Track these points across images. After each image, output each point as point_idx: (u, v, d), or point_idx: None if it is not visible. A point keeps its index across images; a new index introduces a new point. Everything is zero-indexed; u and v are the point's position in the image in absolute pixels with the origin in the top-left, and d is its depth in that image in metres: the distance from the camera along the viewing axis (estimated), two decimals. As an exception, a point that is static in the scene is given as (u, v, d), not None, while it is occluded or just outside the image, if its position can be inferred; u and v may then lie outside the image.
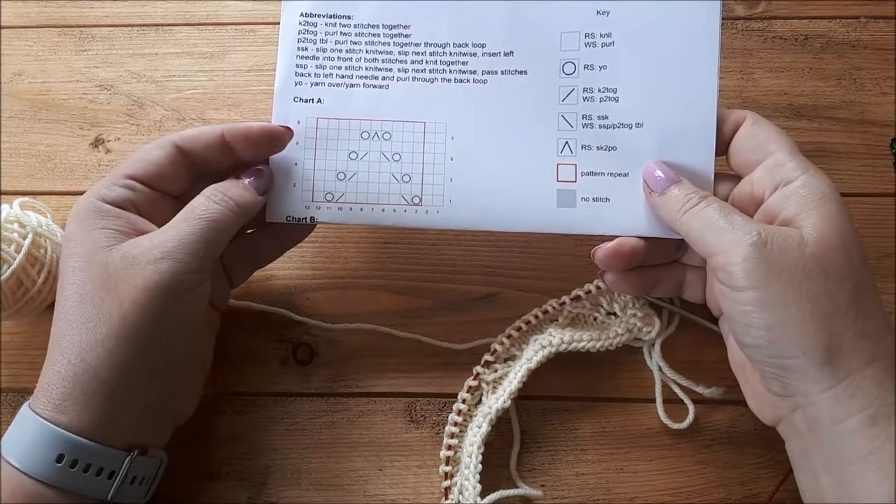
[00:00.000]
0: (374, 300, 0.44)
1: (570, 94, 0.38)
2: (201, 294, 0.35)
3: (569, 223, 0.38)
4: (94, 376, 0.31)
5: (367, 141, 0.38)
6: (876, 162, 0.45)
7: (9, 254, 0.39)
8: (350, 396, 0.43)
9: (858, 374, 0.30)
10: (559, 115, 0.38)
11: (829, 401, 0.31)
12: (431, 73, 0.39)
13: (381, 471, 0.41)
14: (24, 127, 0.49)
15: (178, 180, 0.36)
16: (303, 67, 0.39)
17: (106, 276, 0.32)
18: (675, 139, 0.37)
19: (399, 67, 0.39)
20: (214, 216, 0.34)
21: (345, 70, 0.39)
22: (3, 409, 0.43)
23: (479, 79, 0.38)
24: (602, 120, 0.38)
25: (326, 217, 0.38)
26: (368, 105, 0.39)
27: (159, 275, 0.32)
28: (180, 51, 0.50)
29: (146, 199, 0.35)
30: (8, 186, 0.47)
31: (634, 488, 0.40)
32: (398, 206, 0.38)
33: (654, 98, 0.37)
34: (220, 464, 0.41)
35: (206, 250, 0.33)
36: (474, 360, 0.42)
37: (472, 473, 0.39)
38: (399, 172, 0.38)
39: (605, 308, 0.42)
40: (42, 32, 0.51)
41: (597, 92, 0.38)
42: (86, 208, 0.34)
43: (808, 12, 0.49)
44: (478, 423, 0.40)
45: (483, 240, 0.45)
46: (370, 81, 0.39)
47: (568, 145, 0.38)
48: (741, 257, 0.32)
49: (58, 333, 0.33)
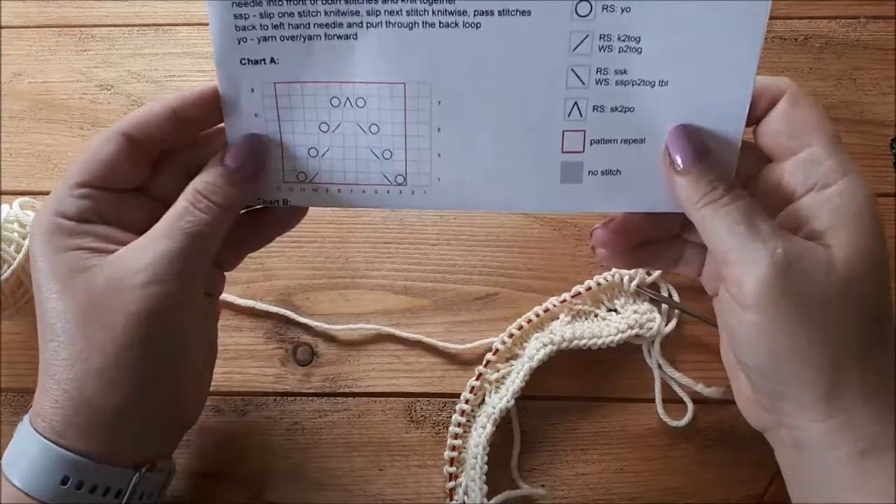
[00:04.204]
0: (374, 300, 0.44)
1: (583, 41, 0.31)
2: (197, 305, 0.32)
3: (573, 201, 0.33)
4: (95, 407, 0.30)
5: (338, 109, 0.32)
6: (876, 162, 0.46)
7: (9, 254, 0.39)
8: (350, 396, 0.42)
9: (856, 411, 0.28)
10: (568, 68, 0.31)
11: (819, 432, 0.28)
12: (409, 16, 0.30)
13: (381, 471, 0.41)
14: (24, 127, 0.49)
15: (135, 173, 0.32)
16: (243, 18, 0.31)
17: (90, 303, 0.30)
18: (702, 104, 0.31)
19: (368, 9, 0.30)
20: (199, 228, 0.30)
21: (298, 17, 0.31)
22: (3, 409, 0.43)
23: (471, 21, 0.30)
24: (620, 75, 0.31)
25: (300, 199, 0.33)
26: (334, 63, 0.31)
27: (148, 300, 0.29)
28: (180, 51, 0.50)
29: (108, 203, 0.32)
30: (8, 186, 0.47)
31: (634, 488, 0.40)
32: (380, 187, 0.33)
33: (683, 52, 0.30)
34: (220, 464, 0.41)
35: (195, 266, 0.31)
36: (474, 360, 0.42)
37: (479, 475, 0.39)
38: (378, 147, 0.32)
39: (606, 305, 0.42)
40: (42, 32, 0.51)
41: (616, 40, 0.30)
42: (47, 227, 0.31)
43: (808, 12, 0.49)
44: (482, 423, 0.40)
45: (483, 240, 0.45)
46: (333, 31, 0.31)
47: (577, 106, 0.32)
48: (759, 276, 0.28)
49: (47, 361, 0.30)
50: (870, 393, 0.28)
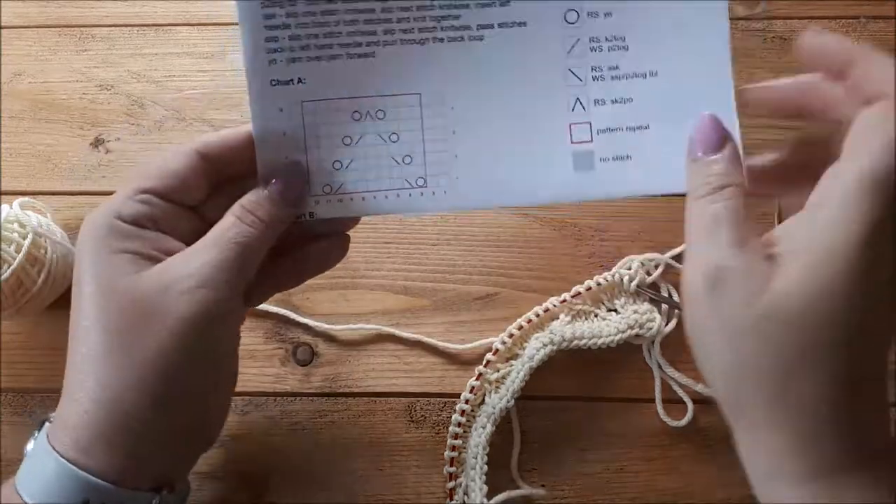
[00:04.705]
0: (374, 300, 0.44)
1: (576, 44, 0.34)
2: (236, 319, 0.33)
3: (589, 188, 0.35)
4: (127, 418, 0.29)
5: (359, 123, 0.34)
6: (876, 162, 0.45)
7: (9, 254, 0.39)
8: (350, 396, 0.43)
9: (839, 478, 0.26)
10: (566, 69, 0.35)
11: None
12: (421, 33, 0.34)
13: (381, 471, 0.41)
14: (24, 127, 0.49)
15: (197, 190, 0.34)
16: (274, 41, 0.33)
17: (135, 307, 0.30)
18: (692, 87, 0.34)
19: (384, 28, 0.34)
20: (246, 240, 0.31)
21: (323, 38, 0.34)
22: (3, 409, 0.43)
23: (475, 35, 0.34)
24: (613, 70, 0.35)
25: (326, 211, 0.35)
26: (355, 79, 0.34)
27: (197, 304, 0.30)
28: (180, 51, 0.50)
29: (165, 213, 0.33)
30: (8, 186, 0.47)
31: (634, 488, 0.40)
32: (402, 191, 0.35)
33: (665, 44, 0.34)
34: (221, 464, 0.41)
35: (241, 275, 0.31)
36: (474, 360, 0.42)
37: (479, 475, 0.39)
38: (399, 154, 0.35)
39: (606, 305, 0.42)
40: (42, 32, 0.51)
41: (604, 41, 0.34)
42: (102, 227, 0.31)
43: (808, 12, 0.49)
44: (482, 423, 0.40)
45: (483, 240, 0.45)
46: (353, 50, 0.34)
47: (579, 101, 0.35)
48: (688, 284, 0.28)
49: (77, 367, 0.30)
50: (850, 461, 0.26)
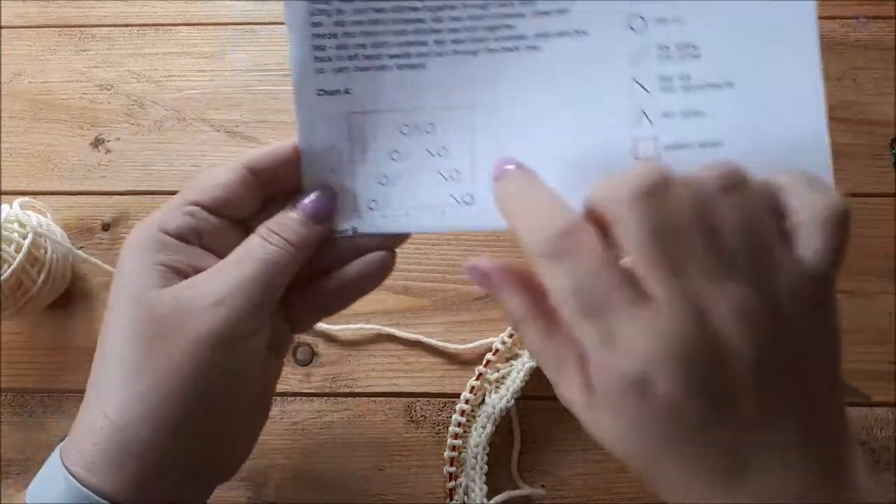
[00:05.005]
0: (374, 300, 0.44)
1: (643, 53, 0.31)
2: (258, 342, 0.31)
3: None
4: (132, 435, 0.28)
5: (408, 136, 0.33)
6: (876, 162, 0.46)
7: (9, 254, 0.39)
8: (350, 396, 0.43)
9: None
10: (632, 79, 0.32)
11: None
12: (473, 43, 0.32)
13: (381, 471, 0.41)
14: (24, 127, 0.49)
15: (246, 205, 0.33)
16: (321, 49, 0.32)
17: (153, 321, 0.29)
18: (774, 99, 0.31)
19: (435, 39, 0.32)
20: (271, 258, 0.30)
21: (371, 48, 0.32)
22: (3, 409, 0.43)
23: (531, 45, 0.32)
24: (684, 81, 0.31)
25: (369, 227, 0.33)
26: (404, 91, 0.32)
27: (213, 322, 0.29)
28: (180, 51, 0.50)
29: (211, 227, 0.32)
30: (8, 186, 0.47)
31: (635, 488, 0.40)
32: (448, 207, 0.33)
33: (743, 53, 0.31)
34: (221, 464, 0.41)
35: (264, 295, 0.30)
36: (474, 360, 0.42)
37: (479, 475, 0.39)
38: (447, 168, 0.33)
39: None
40: (42, 32, 0.51)
41: (673, 49, 0.31)
42: (144, 238, 0.31)
43: (807, 12, 0.49)
44: (482, 423, 0.40)
45: (483, 240, 0.45)
46: (403, 61, 0.32)
47: (645, 115, 0.31)
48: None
49: (96, 375, 0.30)
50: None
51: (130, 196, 0.47)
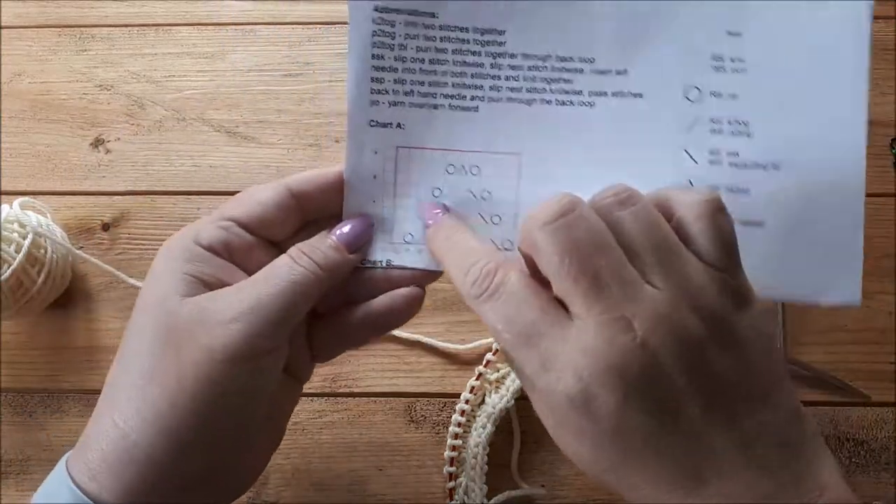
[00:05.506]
0: (374, 300, 0.44)
1: (695, 123, 0.32)
2: (272, 363, 0.31)
3: None
4: (133, 442, 0.28)
5: (452, 176, 0.33)
6: (876, 162, 0.46)
7: (9, 254, 0.39)
8: (350, 396, 0.43)
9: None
10: (681, 148, 0.32)
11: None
12: (529, 93, 0.32)
13: (381, 471, 0.41)
14: (24, 127, 0.49)
15: (282, 226, 0.32)
16: (379, 82, 0.32)
17: (171, 328, 0.29)
18: (819, 184, 0.31)
19: (491, 84, 0.32)
20: (296, 278, 0.30)
21: (428, 86, 0.32)
22: (3, 409, 0.43)
23: (586, 101, 0.32)
24: (732, 157, 0.32)
25: (404, 260, 0.33)
26: (454, 131, 0.32)
27: (227, 337, 0.28)
28: (180, 51, 0.50)
29: (244, 244, 0.32)
30: (8, 186, 0.47)
31: (635, 488, 0.40)
32: None
33: (792, 136, 0.32)
34: (221, 464, 0.41)
35: (283, 314, 0.30)
36: (474, 360, 0.42)
37: (479, 475, 0.39)
38: (488, 212, 0.33)
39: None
40: (42, 32, 0.51)
41: (726, 124, 0.32)
42: (178, 246, 0.31)
43: (807, 12, 0.49)
44: (482, 422, 0.40)
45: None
46: (457, 102, 0.32)
47: (692, 184, 0.32)
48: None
49: (111, 380, 0.30)
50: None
51: (130, 196, 0.47)
